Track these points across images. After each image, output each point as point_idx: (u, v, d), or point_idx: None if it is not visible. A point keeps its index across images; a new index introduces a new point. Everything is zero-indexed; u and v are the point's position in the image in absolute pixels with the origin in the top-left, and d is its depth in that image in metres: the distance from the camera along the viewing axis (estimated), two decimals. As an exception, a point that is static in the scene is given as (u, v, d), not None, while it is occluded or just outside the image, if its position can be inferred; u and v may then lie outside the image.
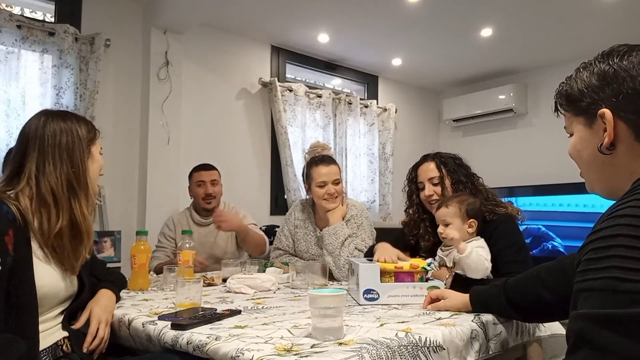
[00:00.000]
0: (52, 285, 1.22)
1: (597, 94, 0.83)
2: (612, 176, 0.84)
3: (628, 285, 0.59)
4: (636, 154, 0.79)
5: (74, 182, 1.28)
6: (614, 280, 0.61)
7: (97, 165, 1.39)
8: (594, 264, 0.64)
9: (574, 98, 0.88)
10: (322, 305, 1.00)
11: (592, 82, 0.85)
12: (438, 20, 3.53)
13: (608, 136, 0.80)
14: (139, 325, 1.23)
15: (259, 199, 3.83)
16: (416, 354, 0.99)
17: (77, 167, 1.29)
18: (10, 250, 1.09)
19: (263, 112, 3.90)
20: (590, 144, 0.85)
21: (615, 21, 3.50)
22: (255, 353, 0.90)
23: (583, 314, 0.62)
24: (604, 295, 0.61)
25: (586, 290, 0.64)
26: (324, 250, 2.09)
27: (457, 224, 1.60)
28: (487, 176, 1.96)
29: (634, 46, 0.85)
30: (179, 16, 3.16)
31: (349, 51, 4.14)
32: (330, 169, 2.16)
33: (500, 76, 4.72)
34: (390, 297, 1.42)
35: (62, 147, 1.29)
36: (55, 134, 1.29)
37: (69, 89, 2.81)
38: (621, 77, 0.80)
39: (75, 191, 1.28)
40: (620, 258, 0.61)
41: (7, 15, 2.63)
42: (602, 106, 0.82)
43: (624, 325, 0.58)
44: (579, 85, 0.87)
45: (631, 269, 0.60)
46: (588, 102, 0.85)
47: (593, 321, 0.60)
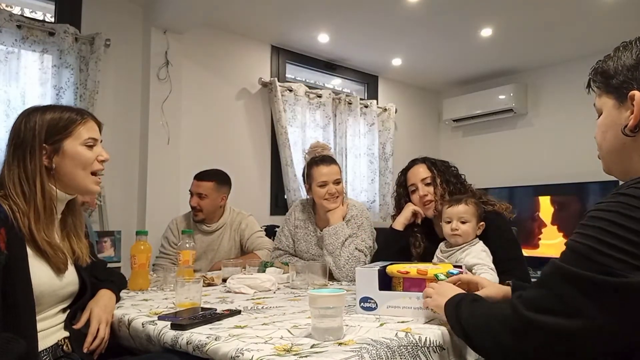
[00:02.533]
0: (48, 283, 1.20)
1: (632, 74, 0.82)
2: (631, 159, 0.84)
3: (600, 257, 0.69)
4: None
5: (25, 187, 1.19)
6: (590, 249, 0.70)
7: (77, 161, 1.27)
8: (582, 229, 0.74)
9: (608, 75, 0.87)
10: (322, 305, 1.00)
11: (628, 61, 0.84)
12: (438, 21, 3.53)
13: (634, 118, 0.80)
14: (138, 325, 1.23)
15: (259, 198, 3.83)
16: (416, 354, 0.99)
17: (26, 169, 1.21)
18: (3, 248, 1.08)
19: (263, 112, 3.90)
20: (616, 124, 0.85)
21: (615, 21, 3.49)
22: (255, 353, 0.90)
23: (557, 264, 0.74)
24: (579, 258, 0.72)
25: (568, 248, 0.75)
26: (324, 250, 2.09)
27: (473, 224, 1.62)
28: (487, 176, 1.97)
29: None
30: (179, 16, 3.16)
31: (349, 51, 4.14)
32: (331, 169, 2.16)
33: (500, 76, 4.72)
34: (390, 307, 1.24)
35: (17, 145, 1.22)
36: (17, 130, 1.24)
37: (69, 89, 2.81)
38: None
39: (26, 197, 1.19)
40: (603, 232, 0.70)
41: (7, 15, 2.63)
42: (634, 87, 0.81)
43: (583, 285, 0.69)
44: (615, 63, 0.86)
45: (609, 244, 0.69)
46: (621, 81, 0.84)
47: (562, 272, 0.73)
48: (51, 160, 1.24)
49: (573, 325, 0.70)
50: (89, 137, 1.29)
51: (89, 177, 1.30)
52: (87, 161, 1.28)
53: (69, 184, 1.28)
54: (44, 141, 1.23)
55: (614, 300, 0.68)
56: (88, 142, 1.29)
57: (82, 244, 1.34)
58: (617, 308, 0.68)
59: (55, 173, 1.24)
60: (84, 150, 1.28)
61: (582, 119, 3.85)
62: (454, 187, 1.87)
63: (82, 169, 1.27)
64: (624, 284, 0.66)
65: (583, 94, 1.02)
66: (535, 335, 0.75)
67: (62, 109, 1.29)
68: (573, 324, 0.70)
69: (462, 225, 1.62)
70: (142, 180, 3.19)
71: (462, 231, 1.61)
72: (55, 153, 1.24)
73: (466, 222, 1.62)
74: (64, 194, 1.28)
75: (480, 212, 1.65)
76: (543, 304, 0.74)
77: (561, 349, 0.73)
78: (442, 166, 1.94)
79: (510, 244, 1.66)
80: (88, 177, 1.30)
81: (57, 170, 1.25)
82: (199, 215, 2.59)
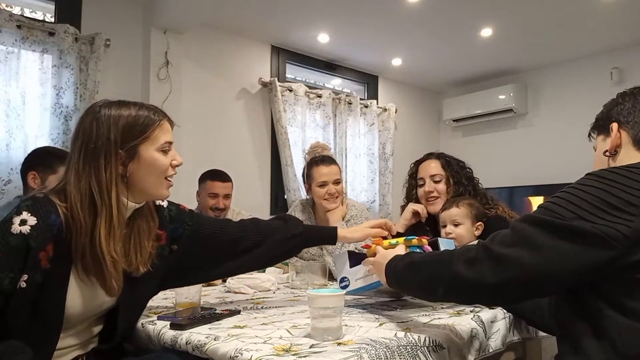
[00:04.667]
0: (86, 305, 1.09)
1: (609, 112, 1.07)
2: None
3: (557, 208, 0.88)
4: (631, 155, 1.00)
5: (97, 199, 1.07)
6: (553, 204, 0.89)
7: (153, 168, 1.14)
8: (558, 193, 0.91)
9: (598, 121, 1.11)
10: (321, 305, 1.00)
11: (610, 106, 1.07)
12: (438, 20, 3.53)
13: (612, 142, 1.03)
14: (138, 325, 1.23)
15: (259, 198, 3.83)
16: (415, 354, 0.99)
17: (100, 179, 1.07)
18: (44, 265, 0.99)
19: (263, 112, 3.90)
20: (601, 151, 1.06)
21: (615, 21, 3.50)
22: (254, 353, 0.90)
23: (526, 214, 0.93)
24: (544, 210, 0.90)
25: (539, 205, 0.93)
26: (323, 250, 2.09)
27: (467, 226, 1.61)
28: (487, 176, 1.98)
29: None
30: (179, 16, 3.16)
31: (349, 51, 4.14)
32: (330, 169, 2.16)
33: (500, 76, 4.72)
34: (357, 280, 1.35)
35: (88, 150, 1.08)
36: (87, 132, 1.08)
37: (69, 89, 2.81)
38: (625, 100, 1.04)
39: (96, 208, 1.07)
40: (566, 194, 0.89)
41: (7, 15, 2.63)
42: (612, 121, 1.04)
43: (542, 225, 0.87)
44: (603, 111, 1.09)
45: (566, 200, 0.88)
46: (604, 120, 1.07)
47: (529, 218, 0.90)
48: (126, 168, 1.11)
49: (524, 253, 0.87)
50: (165, 141, 1.16)
51: (163, 182, 1.18)
52: (162, 167, 1.16)
53: (141, 192, 1.15)
54: (120, 146, 1.09)
55: (559, 238, 0.85)
56: (164, 147, 1.16)
57: (142, 250, 1.18)
58: (560, 243, 0.85)
59: (128, 181, 1.12)
60: (160, 156, 1.15)
61: (582, 119, 3.84)
62: (464, 189, 1.86)
63: (157, 175, 1.15)
64: (568, 226, 0.84)
65: (583, 94, 1.10)
66: (491, 262, 0.90)
67: (137, 106, 1.15)
68: (524, 253, 0.87)
69: (456, 229, 1.62)
70: (142, 180, 3.18)
71: (456, 234, 1.61)
72: (131, 159, 1.11)
73: (459, 225, 1.62)
74: (134, 204, 1.16)
75: (476, 213, 1.64)
76: (505, 238, 0.91)
77: (523, 279, 0.88)
78: (457, 166, 1.93)
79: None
80: (162, 182, 1.18)
81: (130, 178, 1.12)
82: (220, 215, 2.63)
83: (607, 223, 0.82)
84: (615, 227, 0.82)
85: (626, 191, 0.85)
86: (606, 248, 0.82)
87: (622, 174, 0.88)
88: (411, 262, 1.08)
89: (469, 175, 1.92)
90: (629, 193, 0.84)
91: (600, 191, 0.86)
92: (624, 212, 0.83)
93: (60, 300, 1.04)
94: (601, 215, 0.83)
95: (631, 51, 3.90)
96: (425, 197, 1.90)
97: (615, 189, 0.85)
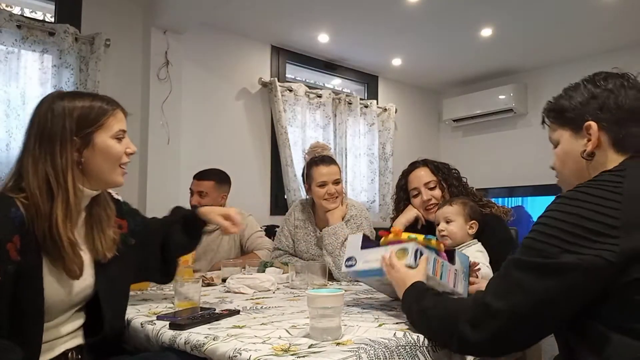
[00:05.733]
0: (62, 292, 1.12)
1: (584, 108, 1.00)
2: (587, 175, 0.98)
3: (539, 245, 0.87)
4: (610, 156, 0.98)
5: (53, 184, 1.10)
6: (533, 240, 0.89)
7: (108, 155, 1.19)
8: (536, 227, 0.90)
9: (561, 110, 1.04)
10: (320, 305, 1.00)
11: (579, 99, 1.01)
12: (438, 20, 3.53)
13: (592, 144, 0.98)
14: (137, 325, 1.23)
15: (259, 199, 3.83)
16: (414, 354, 0.99)
17: (56, 165, 1.11)
18: (13, 257, 1.01)
19: (263, 112, 3.90)
20: (575, 151, 1.01)
21: (615, 21, 3.50)
22: (253, 353, 0.90)
23: (510, 257, 0.92)
24: (525, 249, 0.90)
25: (521, 244, 0.92)
26: (323, 250, 2.09)
27: (459, 223, 1.62)
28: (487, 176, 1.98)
29: (612, 73, 1.02)
30: (179, 16, 3.16)
31: (349, 51, 4.14)
32: (330, 169, 2.16)
33: (500, 76, 4.72)
34: (365, 263, 1.32)
35: (43, 137, 1.12)
36: (42, 120, 1.13)
37: (69, 89, 2.80)
38: (603, 94, 0.98)
39: (53, 192, 1.10)
40: (543, 225, 0.88)
41: (7, 15, 2.63)
42: (589, 119, 0.98)
43: (526, 267, 0.87)
44: (567, 101, 1.03)
45: (546, 234, 0.87)
46: (575, 114, 1.01)
47: (513, 262, 0.91)
48: (81, 155, 1.15)
49: (512, 302, 0.87)
50: (119, 129, 1.21)
51: (117, 169, 1.22)
52: (117, 155, 1.20)
53: (97, 178, 1.20)
54: (75, 134, 1.14)
55: (549, 278, 0.84)
56: (118, 135, 1.21)
57: (106, 237, 1.23)
58: (548, 283, 0.84)
59: (83, 168, 1.16)
60: (114, 144, 1.20)
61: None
62: (456, 190, 1.87)
63: (111, 163, 1.20)
64: (555, 264, 0.83)
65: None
66: (488, 319, 0.89)
67: (90, 97, 1.20)
68: (512, 301, 0.87)
69: (448, 226, 1.63)
70: (142, 180, 3.19)
71: (449, 231, 1.62)
72: (86, 146, 1.16)
73: (451, 222, 1.62)
74: (90, 191, 1.20)
75: (469, 211, 1.64)
76: (498, 289, 0.91)
77: (506, 327, 0.88)
78: (445, 169, 1.94)
79: (504, 244, 1.67)
80: (117, 169, 1.22)
81: (85, 165, 1.16)
82: None
83: (592, 252, 0.81)
84: (601, 255, 0.80)
85: (603, 213, 0.82)
86: (597, 278, 0.81)
87: (594, 193, 0.86)
88: (424, 309, 1.05)
89: (457, 176, 1.94)
90: (606, 215, 0.82)
91: (576, 217, 0.84)
92: (606, 236, 0.81)
93: (38, 291, 1.06)
94: (584, 244, 0.82)
95: (631, 51, 3.90)
96: (424, 206, 1.91)
97: (592, 212, 0.83)
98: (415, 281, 1.15)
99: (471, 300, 0.96)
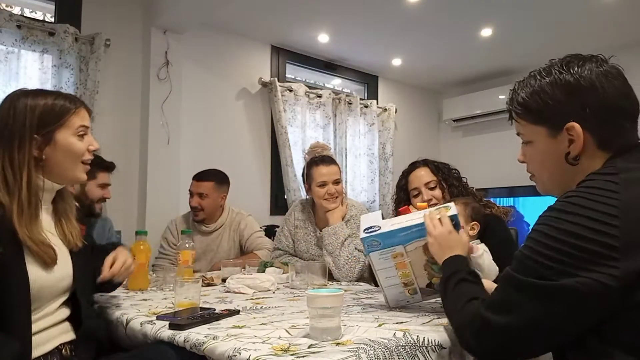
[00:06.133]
0: (45, 277, 1.15)
1: (563, 106, 0.89)
2: (572, 179, 0.92)
3: (532, 264, 0.82)
4: (595, 159, 0.89)
5: (9, 179, 1.12)
6: (526, 257, 0.83)
7: (69, 152, 1.21)
8: (525, 241, 0.86)
9: (535, 108, 0.93)
10: (320, 305, 1.00)
11: (556, 94, 0.90)
12: (438, 20, 3.53)
13: (577, 148, 0.89)
14: (136, 325, 1.23)
15: (259, 198, 3.83)
16: (414, 354, 0.98)
17: (13, 161, 1.13)
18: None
19: (263, 112, 3.90)
20: (554, 153, 0.92)
21: (615, 21, 3.50)
22: (252, 353, 0.90)
23: (505, 271, 0.88)
24: (519, 265, 0.85)
25: (515, 256, 0.87)
26: (323, 250, 2.09)
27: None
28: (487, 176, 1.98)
29: (585, 56, 0.91)
30: (179, 16, 3.16)
31: (349, 51, 4.14)
32: (330, 169, 2.16)
33: (500, 76, 4.71)
34: (393, 225, 1.26)
35: (2, 134, 1.14)
36: (3, 118, 1.15)
37: (69, 89, 2.80)
38: (586, 90, 0.87)
39: (9, 189, 1.12)
40: (536, 242, 0.83)
41: (7, 15, 2.63)
42: (570, 119, 0.88)
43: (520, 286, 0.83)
44: (542, 97, 0.91)
45: (540, 252, 0.81)
46: (553, 114, 0.90)
47: (507, 277, 0.86)
48: (41, 151, 1.18)
49: (514, 320, 0.83)
50: (80, 124, 1.23)
51: (79, 166, 1.25)
52: (79, 152, 1.23)
53: (58, 175, 1.23)
54: (35, 131, 1.16)
55: (545, 300, 0.80)
56: (80, 132, 1.23)
57: (73, 227, 1.29)
58: (545, 305, 0.80)
59: (44, 164, 1.19)
60: (76, 141, 1.22)
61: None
62: (456, 190, 1.87)
63: (72, 160, 1.22)
64: (551, 287, 0.79)
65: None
66: (491, 334, 0.87)
67: (53, 95, 1.22)
68: (514, 320, 0.83)
69: None
70: (142, 180, 3.19)
71: None
72: (47, 144, 1.18)
73: None
74: (53, 184, 1.23)
75: (470, 212, 1.63)
76: (494, 303, 0.88)
77: (510, 342, 0.85)
78: (445, 169, 1.94)
79: (505, 244, 1.66)
80: (78, 166, 1.25)
81: (46, 161, 1.19)
82: (199, 215, 2.59)
83: (591, 275, 0.75)
84: (599, 280, 0.75)
85: (600, 230, 0.76)
86: (596, 302, 0.76)
87: (589, 206, 0.79)
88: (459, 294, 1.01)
89: (457, 176, 1.94)
90: (603, 232, 0.76)
91: (571, 235, 0.78)
92: (605, 257, 0.75)
93: (23, 278, 1.09)
94: (581, 265, 0.76)
95: (631, 51, 3.90)
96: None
97: (587, 229, 0.77)
98: (458, 254, 1.11)
99: (475, 309, 0.92)
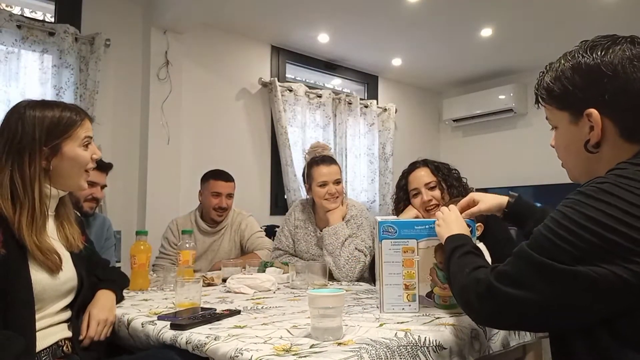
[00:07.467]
0: (48, 280, 1.17)
1: (583, 92, 0.86)
2: (596, 169, 0.89)
3: (550, 246, 0.78)
4: (619, 148, 0.85)
5: (19, 191, 1.15)
6: (545, 238, 0.80)
7: (76, 162, 1.26)
8: (547, 220, 0.83)
9: (558, 93, 0.91)
10: (321, 305, 1.00)
11: (576, 79, 0.87)
12: (438, 21, 3.53)
13: (596, 136, 0.86)
14: (138, 325, 1.22)
15: (259, 198, 3.83)
16: (415, 354, 0.98)
17: (24, 173, 1.17)
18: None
19: (263, 112, 3.90)
20: (576, 139, 0.90)
21: (615, 21, 3.49)
22: (254, 353, 0.90)
23: (522, 247, 0.84)
24: (536, 244, 0.81)
25: (533, 234, 0.84)
26: (324, 250, 2.09)
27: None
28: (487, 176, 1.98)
29: (617, 38, 0.86)
30: (179, 16, 3.16)
31: (349, 51, 4.14)
32: (330, 169, 2.16)
33: (500, 76, 4.72)
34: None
35: (12, 147, 1.17)
36: (12, 131, 1.18)
37: (69, 89, 2.81)
38: (606, 76, 0.83)
39: (15, 201, 1.15)
40: (557, 223, 0.79)
41: (7, 15, 2.63)
42: (589, 105, 0.85)
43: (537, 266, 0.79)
44: (563, 82, 0.90)
45: (560, 235, 0.78)
46: (574, 100, 0.88)
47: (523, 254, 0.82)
48: (49, 162, 1.22)
49: (522, 295, 0.80)
50: (85, 135, 1.28)
51: (82, 174, 1.30)
52: (84, 161, 1.28)
53: (64, 183, 1.26)
54: (44, 144, 1.20)
55: (553, 282, 0.77)
56: (85, 142, 1.28)
57: (74, 230, 1.33)
58: (554, 288, 0.77)
59: (51, 173, 1.23)
60: (82, 152, 1.27)
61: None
62: (456, 191, 1.87)
63: (78, 169, 1.27)
64: (565, 271, 0.76)
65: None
66: (495, 301, 0.85)
67: (59, 107, 1.26)
68: (522, 295, 0.80)
69: None
70: (142, 180, 3.18)
71: None
72: (54, 155, 1.22)
73: None
74: (58, 191, 1.27)
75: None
76: (507, 277, 0.84)
77: (512, 314, 0.84)
78: (445, 169, 1.94)
79: (504, 245, 1.66)
80: (82, 174, 1.29)
81: (52, 171, 1.23)
82: (223, 215, 2.63)
83: (610, 267, 0.72)
84: (617, 272, 0.72)
85: (626, 222, 0.73)
86: (612, 296, 0.74)
87: (616, 193, 0.75)
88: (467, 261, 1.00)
89: (457, 176, 1.94)
90: (628, 225, 0.72)
91: (594, 222, 0.75)
92: (627, 251, 0.72)
93: (26, 280, 1.12)
94: (601, 255, 0.73)
95: (631, 51, 3.91)
96: (424, 207, 1.91)
97: (612, 218, 0.74)
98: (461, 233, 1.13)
99: (484, 275, 0.89)
